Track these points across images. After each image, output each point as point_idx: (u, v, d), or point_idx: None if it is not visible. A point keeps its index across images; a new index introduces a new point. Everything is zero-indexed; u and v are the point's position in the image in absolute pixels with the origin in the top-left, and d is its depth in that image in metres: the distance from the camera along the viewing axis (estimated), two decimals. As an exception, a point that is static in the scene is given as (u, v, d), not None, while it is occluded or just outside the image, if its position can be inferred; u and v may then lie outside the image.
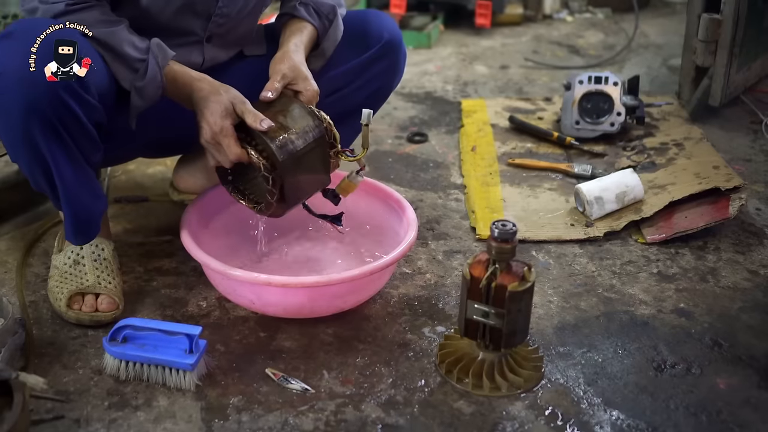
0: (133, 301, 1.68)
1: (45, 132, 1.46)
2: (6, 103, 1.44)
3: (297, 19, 1.75)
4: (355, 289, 1.60)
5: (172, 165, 2.10)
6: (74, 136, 1.50)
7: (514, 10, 3.67)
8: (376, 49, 1.81)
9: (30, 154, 1.49)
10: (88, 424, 1.38)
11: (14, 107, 1.43)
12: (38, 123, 1.45)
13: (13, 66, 1.42)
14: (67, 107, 1.46)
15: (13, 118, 1.45)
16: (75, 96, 1.46)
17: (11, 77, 1.42)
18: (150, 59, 1.54)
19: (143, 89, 1.55)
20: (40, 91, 1.42)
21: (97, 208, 1.62)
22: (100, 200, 1.62)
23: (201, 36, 1.70)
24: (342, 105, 1.79)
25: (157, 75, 1.54)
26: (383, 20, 1.87)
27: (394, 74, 1.88)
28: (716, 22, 2.46)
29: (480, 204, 2.09)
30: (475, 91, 2.90)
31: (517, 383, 1.47)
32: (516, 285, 1.40)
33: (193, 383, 1.45)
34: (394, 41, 1.84)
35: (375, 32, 1.83)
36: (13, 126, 1.46)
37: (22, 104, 1.43)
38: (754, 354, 1.57)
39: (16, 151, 1.51)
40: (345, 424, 1.39)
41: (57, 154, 1.49)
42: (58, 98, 1.44)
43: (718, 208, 1.96)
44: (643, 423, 1.41)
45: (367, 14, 1.90)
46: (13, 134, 1.48)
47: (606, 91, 2.44)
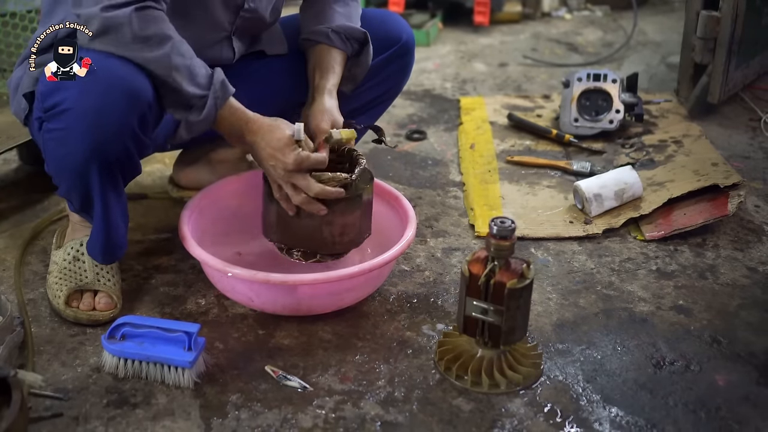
0: (132, 299, 1.68)
1: (101, 171, 1.46)
2: (70, 140, 1.43)
3: (328, 47, 1.74)
4: (354, 286, 1.60)
5: (171, 162, 2.10)
6: (125, 172, 1.51)
7: (512, 7, 3.67)
8: (394, 50, 1.85)
9: (79, 184, 1.49)
10: (86, 421, 1.38)
11: (78, 146, 1.42)
12: (98, 164, 1.44)
13: (85, 106, 1.40)
14: (128, 151, 1.46)
15: (74, 155, 1.44)
16: (137, 141, 1.46)
17: (81, 117, 1.40)
18: (209, 100, 1.48)
19: (194, 126, 1.51)
20: (108, 138, 1.41)
21: (126, 228, 1.62)
22: (127, 218, 1.62)
23: (229, 31, 1.70)
24: (352, 102, 1.82)
25: (212, 114, 1.50)
26: (400, 22, 1.91)
27: (404, 75, 1.92)
28: (715, 19, 2.46)
29: (479, 201, 2.09)
30: (474, 89, 2.89)
31: (516, 380, 1.47)
32: (515, 282, 1.40)
33: (191, 381, 1.45)
34: (411, 42, 1.88)
35: (394, 33, 1.86)
36: (72, 162, 1.45)
37: (86, 146, 1.42)
38: (752, 351, 1.57)
39: (64, 177, 1.51)
40: (344, 422, 1.39)
41: (106, 188, 1.50)
42: (124, 145, 1.44)
43: (717, 205, 1.96)
44: (642, 420, 1.41)
45: (384, 15, 1.92)
46: (69, 169, 1.47)
47: (605, 88, 2.44)
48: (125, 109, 1.41)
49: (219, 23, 1.67)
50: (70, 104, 1.41)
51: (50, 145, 1.48)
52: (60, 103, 1.42)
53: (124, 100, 1.41)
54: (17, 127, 1.84)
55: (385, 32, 1.85)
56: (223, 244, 1.74)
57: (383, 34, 1.84)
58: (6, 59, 2.14)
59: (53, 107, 1.43)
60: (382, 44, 1.83)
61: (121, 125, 1.42)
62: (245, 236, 1.79)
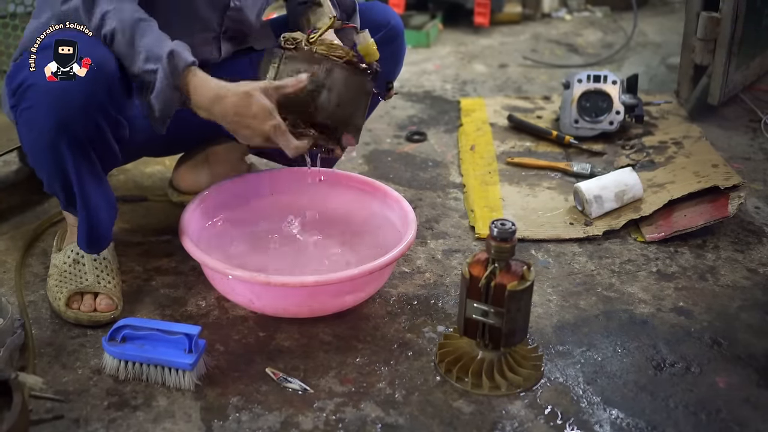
0: (132, 301, 1.68)
1: (73, 150, 1.45)
2: (36, 118, 1.43)
3: (319, 6, 1.75)
4: (355, 288, 1.60)
5: (171, 165, 2.10)
6: (99, 153, 1.50)
7: (512, 8, 3.68)
8: (382, 34, 1.86)
9: (53, 166, 1.48)
10: (87, 424, 1.38)
11: (45, 124, 1.42)
12: (67, 141, 1.44)
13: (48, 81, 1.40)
14: (98, 128, 1.45)
15: (42, 133, 1.43)
16: (107, 116, 1.45)
17: (45, 92, 1.40)
18: (159, 71, 1.44)
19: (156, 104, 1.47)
20: (74, 113, 1.41)
21: (111, 218, 1.62)
22: (113, 209, 1.62)
23: (218, 31, 1.71)
24: None
25: (166, 89, 1.45)
26: (387, 8, 1.94)
27: (396, 62, 1.94)
28: (715, 21, 2.46)
29: (479, 203, 2.09)
30: (474, 90, 2.90)
31: (516, 382, 1.47)
32: (515, 284, 1.40)
33: (192, 383, 1.45)
34: (399, 27, 1.91)
35: (381, 18, 1.88)
36: (41, 140, 1.45)
37: (53, 121, 1.41)
38: (753, 353, 1.57)
39: (39, 161, 1.51)
40: (344, 424, 1.39)
41: (81, 170, 1.49)
42: (92, 120, 1.44)
43: (717, 207, 1.96)
44: (643, 422, 1.41)
45: (371, 3, 1.94)
46: (39, 147, 1.47)
47: (605, 89, 2.44)
48: (89, 80, 1.41)
49: (207, 23, 1.68)
50: (33, 80, 1.42)
51: (23, 130, 1.48)
52: (24, 80, 1.43)
53: (87, 71, 1.41)
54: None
55: (372, 18, 1.86)
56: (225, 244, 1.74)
57: (370, 20, 1.85)
58: (6, 60, 2.14)
59: (19, 86, 1.44)
60: (370, 29, 1.83)
61: (86, 96, 1.42)
62: (249, 237, 1.80)
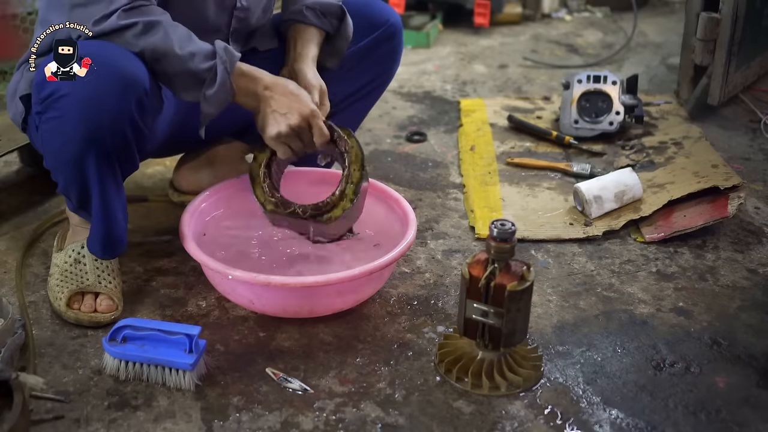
0: (133, 301, 1.68)
1: (99, 160, 1.46)
2: (67, 128, 1.43)
3: (305, 25, 1.76)
4: (355, 288, 1.60)
5: (172, 165, 2.10)
6: (123, 163, 1.51)
7: (512, 9, 3.68)
8: (381, 31, 1.87)
9: (75, 173, 1.49)
10: (87, 424, 1.38)
11: (75, 134, 1.43)
12: (95, 152, 1.45)
13: (80, 92, 1.40)
14: (125, 140, 1.46)
15: (70, 143, 1.44)
16: (135, 129, 1.46)
17: (77, 103, 1.41)
18: (219, 66, 1.50)
19: (212, 98, 1.51)
20: (104, 124, 1.42)
21: (126, 224, 1.63)
22: (126, 215, 1.62)
23: (226, 33, 1.71)
24: (347, 87, 1.84)
25: (226, 81, 1.51)
26: (386, 6, 1.94)
27: (393, 60, 1.94)
28: (715, 21, 2.46)
29: (479, 203, 2.09)
30: (474, 91, 2.90)
31: (516, 382, 1.47)
32: (515, 284, 1.41)
33: (192, 383, 1.45)
34: (397, 24, 1.92)
35: (379, 15, 1.89)
36: (69, 151, 1.45)
37: (83, 132, 1.42)
38: (753, 353, 1.58)
39: (61, 168, 1.51)
40: (344, 424, 1.39)
41: (105, 180, 1.50)
42: (121, 132, 1.44)
43: (717, 207, 1.96)
44: (642, 422, 1.41)
45: (368, 1, 1.93)
46: (67, 159, 1.47)
47: (605, 90, 2.44)
48: (121, 94, 1.42)
49: (215, 25, 1.68)
50: (66, 91, 1.42)
51: (48, 136, 1.48)
52: (56, 90, 1.43)
53: (119, 85, 1.42)
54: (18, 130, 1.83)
55: (371, 16, 1.87)
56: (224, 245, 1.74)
57: (368, 17, 1.86)
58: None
59: (50, 96, 1.44)
60: (367, 27, 1.85)
61: (118, 111, 1.42)
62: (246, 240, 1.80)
